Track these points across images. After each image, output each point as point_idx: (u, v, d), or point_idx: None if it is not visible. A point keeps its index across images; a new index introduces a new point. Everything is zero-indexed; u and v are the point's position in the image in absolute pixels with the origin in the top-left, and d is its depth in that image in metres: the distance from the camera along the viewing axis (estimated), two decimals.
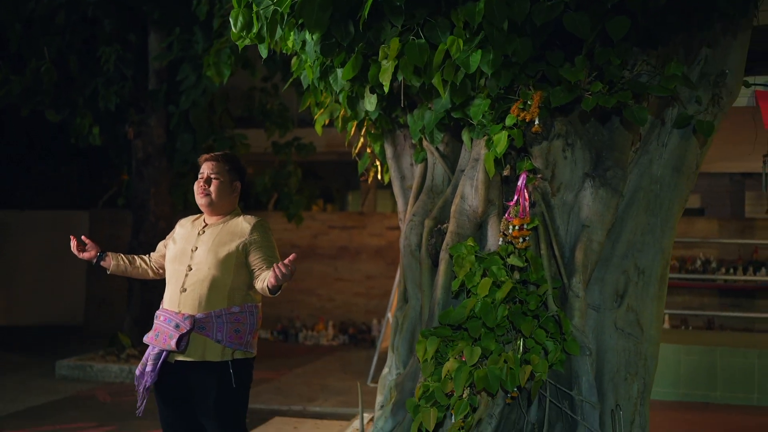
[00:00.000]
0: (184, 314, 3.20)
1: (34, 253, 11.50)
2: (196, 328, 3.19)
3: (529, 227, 3.35)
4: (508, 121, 3.33)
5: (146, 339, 3.28)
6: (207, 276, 3.24)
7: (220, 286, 3.24)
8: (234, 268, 3.26)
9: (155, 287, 6.85)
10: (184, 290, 3.26)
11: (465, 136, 3.70)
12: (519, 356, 3.17)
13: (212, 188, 3.35)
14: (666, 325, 9.28)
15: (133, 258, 3.58)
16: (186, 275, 3.28)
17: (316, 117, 4.38)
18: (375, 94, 3.69)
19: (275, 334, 10.66)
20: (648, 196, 3.68)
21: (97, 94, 7.62)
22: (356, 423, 4.38)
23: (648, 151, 3.69)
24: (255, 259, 3.26)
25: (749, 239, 9.51)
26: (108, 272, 3.53)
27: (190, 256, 3.31)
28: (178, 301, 3.25)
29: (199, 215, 3.52)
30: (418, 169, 4.14)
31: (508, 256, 3.33)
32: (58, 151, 11.85)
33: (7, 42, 7.67)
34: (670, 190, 3.69)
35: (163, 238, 3.57)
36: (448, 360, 3.16)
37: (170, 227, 3.69)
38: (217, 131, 8.27)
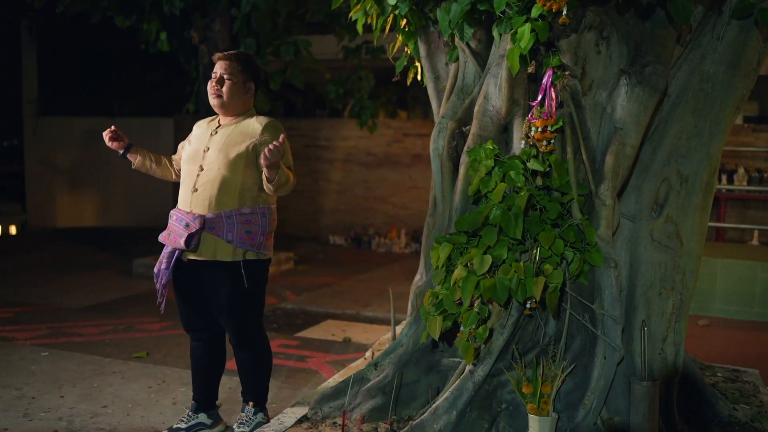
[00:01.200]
0: (194, 214, 3.21)
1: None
2: (206, 228, 3.19)
3: (553, 129, 3.09)
4: (534, 12, 3.03)
5: (161, 238, 3.32)
6: (217, 176, 3.22)
7: (230, 186, 3.21)
8: (243, 169, 3.21)
9: None
10: (196, 190, 3.25)
11: (495, 31, 3.41)
12: (534, 266, 3.00)
13: (224, 89, 3.28)
14: (755, 242, 8.69)
15: (159, 157, 3.60)
16: (197, 175, 3.27)
17: (350, 15, 4.18)
18: None
19: (348, 241, 10.79)
20: (697, 95, 3.32)
21: None
22: (397, 328, 4.37)
23: (700, 45, 3.30)
24: None
25: None
26: (132, 167, 3.56)
27: (202, 157, 3.29)
28: (190, 201, 3.26)
29: (215, 116, 3.47)
30: (452, 68, 3.89)
31: (529, 160, 3.11)
32: (143, 58, 12.11)
33: None
34: (723, 89, 3.30)
35: None
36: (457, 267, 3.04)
37: None
38: (282, 35, 8.15)
